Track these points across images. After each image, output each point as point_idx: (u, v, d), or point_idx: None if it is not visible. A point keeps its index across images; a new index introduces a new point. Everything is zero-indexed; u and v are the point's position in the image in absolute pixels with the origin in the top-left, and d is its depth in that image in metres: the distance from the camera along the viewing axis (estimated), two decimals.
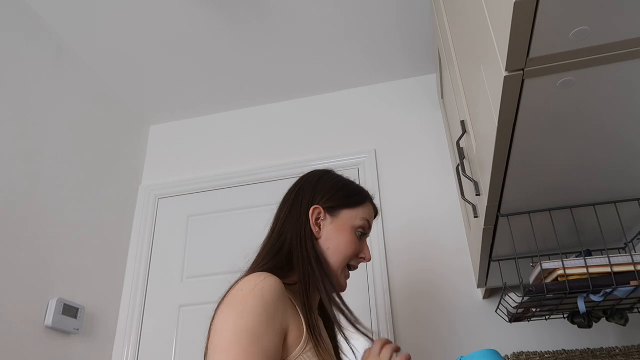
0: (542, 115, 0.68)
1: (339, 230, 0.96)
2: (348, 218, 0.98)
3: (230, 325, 0.75)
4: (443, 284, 1.71)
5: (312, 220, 0.96)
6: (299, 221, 0.97)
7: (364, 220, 0.99)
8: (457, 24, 1.03)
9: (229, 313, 0.78)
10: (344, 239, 0.96)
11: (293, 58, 2.00)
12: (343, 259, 0.95)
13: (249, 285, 0.80)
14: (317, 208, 0.97)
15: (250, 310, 0.76)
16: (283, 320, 0.79)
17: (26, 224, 1.56)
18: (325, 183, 1.02)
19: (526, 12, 0.51)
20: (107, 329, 1.87)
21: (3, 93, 1.55)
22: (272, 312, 0.77)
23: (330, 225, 0.97)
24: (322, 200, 0.99)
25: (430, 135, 2.00)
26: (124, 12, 1.74)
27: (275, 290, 0.80)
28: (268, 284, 0.80)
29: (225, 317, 0.78)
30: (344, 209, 0.98)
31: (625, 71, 0.60)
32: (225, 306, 0.80)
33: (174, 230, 2.10)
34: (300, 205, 0.99)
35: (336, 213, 0.98)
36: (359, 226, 0.98)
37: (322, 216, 0.97)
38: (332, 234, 0.96)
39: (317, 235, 0.96)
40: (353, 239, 0.97)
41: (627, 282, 0.87)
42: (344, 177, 1.07)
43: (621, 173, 0.85)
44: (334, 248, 0.95)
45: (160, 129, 2.38)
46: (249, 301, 0.77)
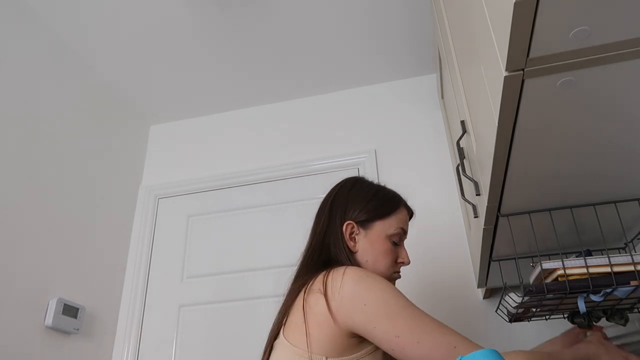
0: (542, 115, 0.68)
1: (373, 242, 0.99)
2: (381, 229, 1.00)
3: (389, 302, 0.80)
4: (443, 283, 1.71)
5: (347, 236, 0.99)
6: (335, 236, 0.99)
7: (397, 228, 1.02)
8: (457, 24, 1.03)
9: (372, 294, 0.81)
10: (379, 250, 0.99)
11: (293, 58, 2.00)
12: (385, 268, 0.99)
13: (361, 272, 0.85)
14: (350, 224, 1.00)
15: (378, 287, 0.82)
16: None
17: (26, 224, 1.56)
18: (356, 196, 1.04)
19: (526, 12, 0.51)
20: (107, 329, 1.87)
21: (3, 93, 1.55)
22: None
23: (364, 239, 0.99)
24: (354, 214, 1.01)
25: (430, 135, 2.00)
26: (124, 12, 1.74)
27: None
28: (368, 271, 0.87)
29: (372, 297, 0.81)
30: (376, 221, 1.01)
31: (625, 71, 0.60)
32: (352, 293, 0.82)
33: (174, 230, 2.10)
34: (335, 220, 1.01)
35: (369, 226, 1.00)
36: (392, 234, 1.01)
37: (356, 230, 1.00)
38: (367, 247, 0.99)
39: (353, 249, 0.99)
40: (388, 248, 1.00)
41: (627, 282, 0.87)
42: (374, 184, 1.09)
43: (621, 173, 0.85)
44: (372, 260, 0.98)
45: (160, 129, 2.38)
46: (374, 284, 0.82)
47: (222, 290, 1.90)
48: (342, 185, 1.09)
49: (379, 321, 0.79)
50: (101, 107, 2.04)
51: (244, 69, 2.05)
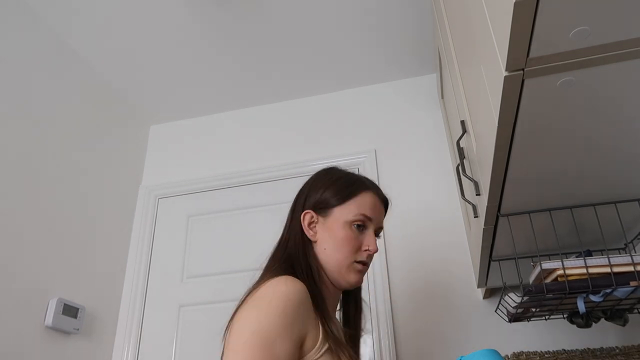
0: (542, 115, 0.68)
1: (331, 229, 0.95)
2: (339, 215, 0.95)
3: (246, 327, 0.75)
4: (443, 283, 1.71)
5: (304, 225, 0.96)
6: (295, 228, 0.97)
7: (357, 214, 0.95)
8: (457, 24, 1.03)
9: (249, 314, 0.77)
10: (338, 237, 0.94)
11: (293, 58, 2.00)
12: (343, 257, 0.93)
13: (273, 289, 0.79)
14: (308, 212, 0.97)
15: (269, 314, 0.75)
16: (302, 327, 0.78)
17: (26, 224, 1.56)
18: (317, 184, 1.01)
19: (526, 12, 0.51)
20: (107, 329, 1.87)
21: (2, 92, 1.55)
22: (292, 318, 0.76)
23: (322, 227, 0.96)
24: (313, 202, 0.98)
25: (430, 135, 2.00)
26: (124, 12, 1.74)
27: (299, 296, 0.79)
28: (295, 289, 0.79)
29: (244, 318, 0.77)
30: (334, 207, 0.96)
31: (625, 71, 0.60)
32: (247, 307, 0.79)
33: (174, 230, 2.10)
34: (295, 211, 1.00)
35: (327, 213, 0.97)
36: (352, 220, 0.95)
37: (315, 218, 0.97)
38: (325, 235, 0.95)
39: (313, 238, 0.96)
40: (348, 235, 0.94)
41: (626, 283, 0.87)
42: (339, 171, 1.04)
43: (621, 173, 0.85)
44: (330, 248, 0.94)
45: (160, 129, 2.38)
46: (271, 305, 0.76)
47: (222, 290, 1.89)
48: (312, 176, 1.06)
49: (228, 341, 0.77)
50: (101, 107, 2.04)
51: (244, 69, 2.05)
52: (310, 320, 0.80)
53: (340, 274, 0.94)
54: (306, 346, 0.78)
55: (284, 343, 0.74)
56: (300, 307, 0.78)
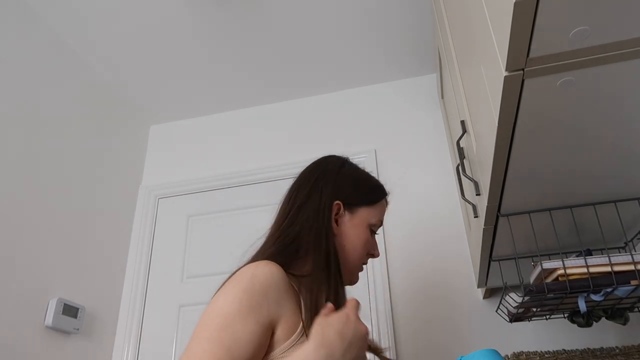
0: (542, 115, 0.68)
1: (355, 227, 0.94)
2: (365, 216, 0.96)
3: (210, 310, 0.75)
4: (443, 283, 1.71)
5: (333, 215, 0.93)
6: (318, 213, 0.91)
7: (378, 219, 0.98)
8: (457, 24, 1.03)
9: (217, 299, 0.76)
10: (360, 237, 0.94)
11: (293, 58, 2.00)
12: (359, 257, 0.94)
13: (243, 273, 0.77)
14: (338, 204, 0.94)
15: (233, 297, 0.74)
16: (273, 312, 0.75)
17: (26, 224, 1.56)
18: (346, 176, 0.99)
19: (526, 12, 0.51)
20: (107, 329, 1.87)
21: (3, 93, 1.55)
22: (258, 301, 0.73)
23: (348, 223, 0.94)
24: (344, 195, 0.95)
25: (430, 135, 2.00)
26: (124, 12, 1.74)
27: (270, 279, 0.76)
28: (263, 272, 0.77)
29: (213, 302, 0.77)
30: (363, 207, 0.96)
31: (625, 71, 0.61)
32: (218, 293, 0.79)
33: (174, 230, 2.10)
34: (321, 197, 0.93)
35: (355, 210, 0.96)
36: (373, 224, 0.97)
37: (342, 212, 0.95)
38: (350, 232, 0.94)
39: (335, 231, 0.92)
40: (367, 237, 0.95)
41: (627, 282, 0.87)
42: (361, 169, 1.05)
43: (621, 172, 0.85)
44: (351, 246, 0.93)
45: (160, 129, 2.38)
46: (237, 288, 0.75)
47: None
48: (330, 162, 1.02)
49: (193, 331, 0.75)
50: (101, 107, 2.04)
51: (244, 69, 2.05)
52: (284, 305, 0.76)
53: (351, 272, 0.94)
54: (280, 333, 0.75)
55: (247, 325, 0.71)
56: (269, 290, 0.75)
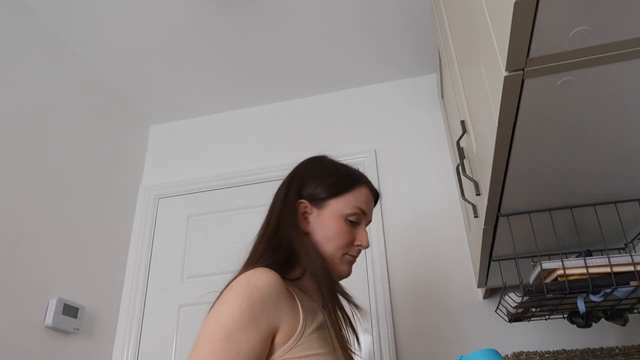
0: (542, 115, 0.68)
1: (325, 222, 0.93)
2: (335, 208, 0.94)
3: (212, 321, 0.74)
4: (443, 283, 1.71)
5: (299, 215, 0.94)
6: (290, 215, 0.94)
7: (354, 207, 0.94)
8: (457, 24, 1.03)
9: (216, 309, 0.76)
10: (331, 230, 0.92)
11: (293, 58, 2.00)
12: (335, 250, 0.92)
13: (241, 282, 0.77)
14: (303, 202, 0.95)
15: (234, 307, 0.74)
16: (273, 319, 0.76)
17: (26, 224, 1.56)
18: (312, 173, 0.99)
19: (526, 12, 0.51)
20: (107, 329, 1.87)
21: (2, 93, 1.55)
22: (259, 310, 0.74)
23: (316, 219, 0.94)
24: (308, 191, 0.96)
25: (430, 135, 2.00)
26: (124, 12, 1.74)
27: (268, 287, 0.77)
28: (261, 280, 0.77)
29: (213, 314, 0.76)
30: (330, 199, 0.94)
31: (625, 71, 0.60)
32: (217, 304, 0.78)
33: (174, 230, 2.10)
34: (290, 197, 0.96)
35: (322, 204, 0.94)
36: (348, 214, 0.93)
37: (309, 209, 0.95)
38: (319, 228, 0.93)
39: (305, 229, 0.93)
40: (342, 229, 0.92)
41: (627, 283, 0.87)
42: (334, 162, 1.03)
43: (621, 173, 0.85)
44: (322, 241, 0.92)
45: (160, 129, 2.38)
46: (237, 297, 0.75)
47: None
48: (304, 163, 1.04)
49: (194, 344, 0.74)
50: (101, 107, 2.04)
51: (244, 68, 2.05)
52: (284, 310, 0.78)
53: (332, 266, 0.92)
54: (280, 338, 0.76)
55: (250, 335, 0.72)
56: (268, 298, 0.76)
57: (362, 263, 1.79)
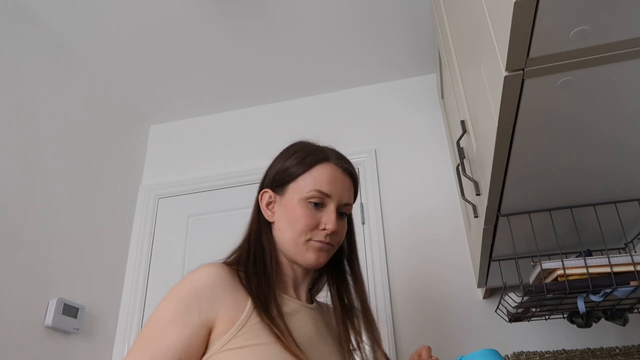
0: (542, 115, 0.68)
1: (286, 208, 0.89)
2: (293, 192, 0.89)
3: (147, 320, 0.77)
4: (443, 283, 1.71)
5: (262, 206, 0.92)
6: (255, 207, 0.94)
7: (312, 189, 0.87)
8: (457, 24, 1.03)
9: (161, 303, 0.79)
10: (292, 215, 0.87)
11: (293, 58, 2.00)
12: (295, 235, 0.87)
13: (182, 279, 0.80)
14: (266, 191, 0.92)
15: (165, 304, 0.76)
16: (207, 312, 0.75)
17: (26, 224, 1.56)
18: (276, 160, 0.96)
19: (526, 12, 0.51)
20: (107, 329, 1.87)
21: (2, 93, 1.55)
22: (189, 304, 0.75)
23: (279, 206, 0.90)
24: (271, 179, 0.93)
25: (430, 135, 2.00)
26: (124, 12, 1.74)
27: (205, 279, 0.77)
28: (198, 274, 0.78)
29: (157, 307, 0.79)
30: (289, 183, 0.90)
31: (625, 71, 0.60)
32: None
33: (174, 230, 2.10)
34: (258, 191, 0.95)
35: (283, 190, 0.91)
36: (308, 197, 0.87)
37: (273, 198, 0.92)
38: (281, 215, 0.89)
39: (271, 219, 0.91)
40: (303, 213, 0.86)
41: (626, 282, 0.87)
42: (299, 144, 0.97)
43: (621, 173, 0.85)
44: (284, 228, 0.88)
45: (160, 128, 2.38)
46: (169, 295, 0.77)
47: None
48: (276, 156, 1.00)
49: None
50: (101, 107, 2.04)
51: (243, 68, 2.05)
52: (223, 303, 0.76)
53: (297, 254, 0.87)
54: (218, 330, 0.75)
55: (175, 329, 0.73)
56: (202, 291, 0.76)
57: (362, 263, 1.79)
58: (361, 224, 1.87)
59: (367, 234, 1.85)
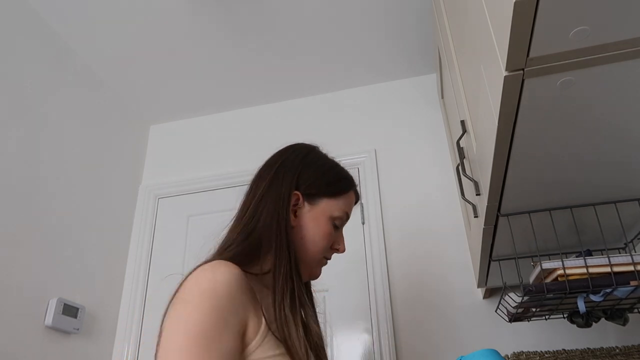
0: (542, 115, 0.68)
1: (315, 220, 0.89)
2: (326, 208, 0.90)
3: (182, 326, 0.67)
4: (443, 283, 1.71)
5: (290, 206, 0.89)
6: (277, 203, 0.87)
7: (342, 211, 0.92)
8: (457, 24, 1.03)
9: (181, 311, 0.69)
10: (319, 230, 0.89)
11: (293, 58, 2.00)
12: (319, 251, 0.89)
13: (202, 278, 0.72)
14: (297, 194, 0.89)
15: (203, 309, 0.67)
16: (241, 316, 0.71)
17: (26, 224, 1.56)
18: (309, 165, 0.94)
19: (526, 12, 0.51)
20: (107, 329, 1.87)
21: (3, 93, 1.55)
22: (229, 309, 0.69)
23: (307, 214, 0.90)
24: (304, 185, 0.91)
25: (430, 135, 2.00)
26: (123, 12, 1.74)
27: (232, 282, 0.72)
28: (224, 276, 0.72)
29: (177, 316, 0.69)
30: (324, 198, 0.91)
31: (625, 71, 0.60)
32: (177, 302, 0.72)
33: (174, 230, 2.09)
34: (281, 186, 0.90)
35: (315, 201, 0.91)
36: (336, 217, 0.91)
37: (300, 203, 0.90)
38: (309, 224, 0.89)
39: (292, 222, 0.88)
40: (329, 231, 0.90)
41: (627, 282, 0.87)
42: (328, 158, 0.99)
43: (621, 173, 0.85)
44: (310, 238, 0.88)
45: (160, 129, 2.38)
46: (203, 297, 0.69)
47: None
48: (295, 149, 0.98)
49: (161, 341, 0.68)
50: (101, 107, 2.04)
51: (243, 69, 2.05)
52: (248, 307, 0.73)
53: (309, 267, 0.89)
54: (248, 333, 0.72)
55: (227, 337, 0.67)
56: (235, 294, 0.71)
57: (362, 263, 1.79)
58: (361, 224, 1.87)
59: (367, 234, 1.85)
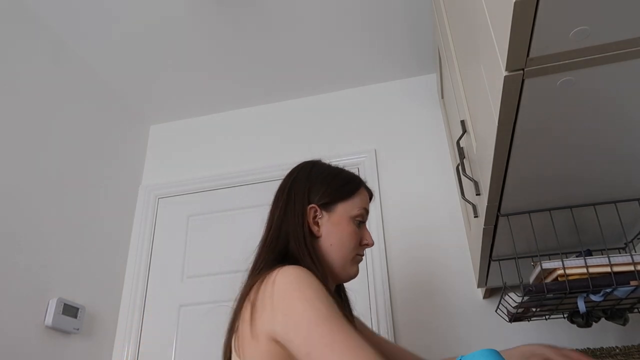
0: (542, 115, 0.68)
1: (337, 224, 0.96)
2: (344, 210, 0.98)
3: (309, 313, 0.73)
4: (443, 283, 1.71)
5: (310, 220, 0.96)
6: (295, 221, 0.95)
7: (360, 208, 0.99)
8: (457, 24, 1.03)
9: (297, 303, 0.75)
10: (344, 233, 0.96)
11: (293, 58, 2.00)
12: (349, 252, 0.96)
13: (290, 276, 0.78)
14: (313, 207, 0.97)
15: (307, 299, 0.74)
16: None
17: (26, 224, 1.56)
18: (316, 178, 1.01)
19: (526, 12, 0.51)
20: (107, 329, 1.87)
21: (3, 93, 1.55)
22: (327, 295, 0.77)
23: (328, 222, 0.96)
24: (316, 197, 0.98)
25: (430, 135, 2.00)
26: (124, 12, 1.74)
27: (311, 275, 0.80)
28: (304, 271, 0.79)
29: (295, 307, 0.74)
30: (339, 203, 0.98)
31: (625, 71, 0.60)
32: (277, 300, 0.76)
33: (174, 230, 2.10)
34: (294, 204, 0.97)
35: (332, 208, 0.98)
36: (356, 215, 0.98)
37: (319, 214, 0.97)
38: (332, 230, 0.96)
39: (317, 233, 0.95)
40: (353, 230, 0.97)
41: (627, 282, 0.87)
42: (332, 166, 1.06)
43: (621, 173, 0.85)
44: (337, 243, 0.95)
45: (160, 128, 2.38)
46: (310, 288, 0.76)
47: (222, 290, 1.89)
48: (301, 169, 1.06)
49: (295, 335, 0.73)
50: (101, 107, 2.04)
51: (243, 68, 2.05)
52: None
53: (344, 269, 0.96)
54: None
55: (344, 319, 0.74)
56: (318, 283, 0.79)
57: (362, 263, 1.79)
58: None
59: None
